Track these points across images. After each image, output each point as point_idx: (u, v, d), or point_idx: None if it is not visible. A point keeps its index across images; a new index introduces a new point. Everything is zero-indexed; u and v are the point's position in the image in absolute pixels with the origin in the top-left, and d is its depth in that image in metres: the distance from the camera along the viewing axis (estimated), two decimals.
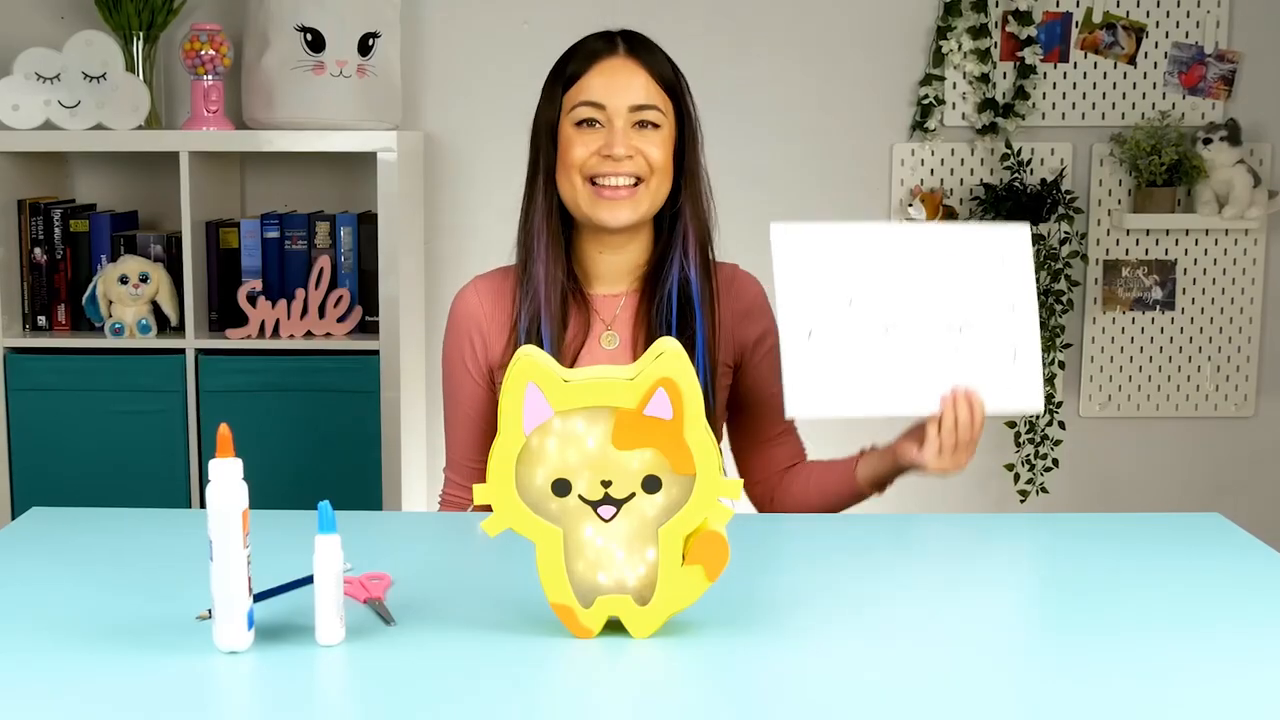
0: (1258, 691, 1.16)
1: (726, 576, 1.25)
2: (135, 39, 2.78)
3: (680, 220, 1.78)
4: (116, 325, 2.73)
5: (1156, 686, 1.16)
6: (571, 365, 1.75)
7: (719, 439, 1.87)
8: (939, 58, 2.99)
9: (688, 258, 1.77)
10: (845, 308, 1.63)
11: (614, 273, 1.81)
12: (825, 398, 1.63)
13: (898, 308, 1.63)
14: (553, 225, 1.77)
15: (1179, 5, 3.02)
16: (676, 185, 1.77)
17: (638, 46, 1.76)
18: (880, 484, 1.79)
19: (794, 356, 1.63)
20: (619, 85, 1.73)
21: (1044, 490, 3.10)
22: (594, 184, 1.73)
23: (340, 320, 2.76)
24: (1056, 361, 3.03)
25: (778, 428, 1.84)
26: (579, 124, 1.74)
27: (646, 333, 1.77)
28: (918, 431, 1.69)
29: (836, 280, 1.63)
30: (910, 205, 3.00)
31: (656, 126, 1.74)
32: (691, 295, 1.76)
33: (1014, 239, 1.66)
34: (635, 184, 1.73)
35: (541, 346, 1.73)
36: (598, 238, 1.78)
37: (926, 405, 1.65)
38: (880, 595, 1.38)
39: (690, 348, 1.75)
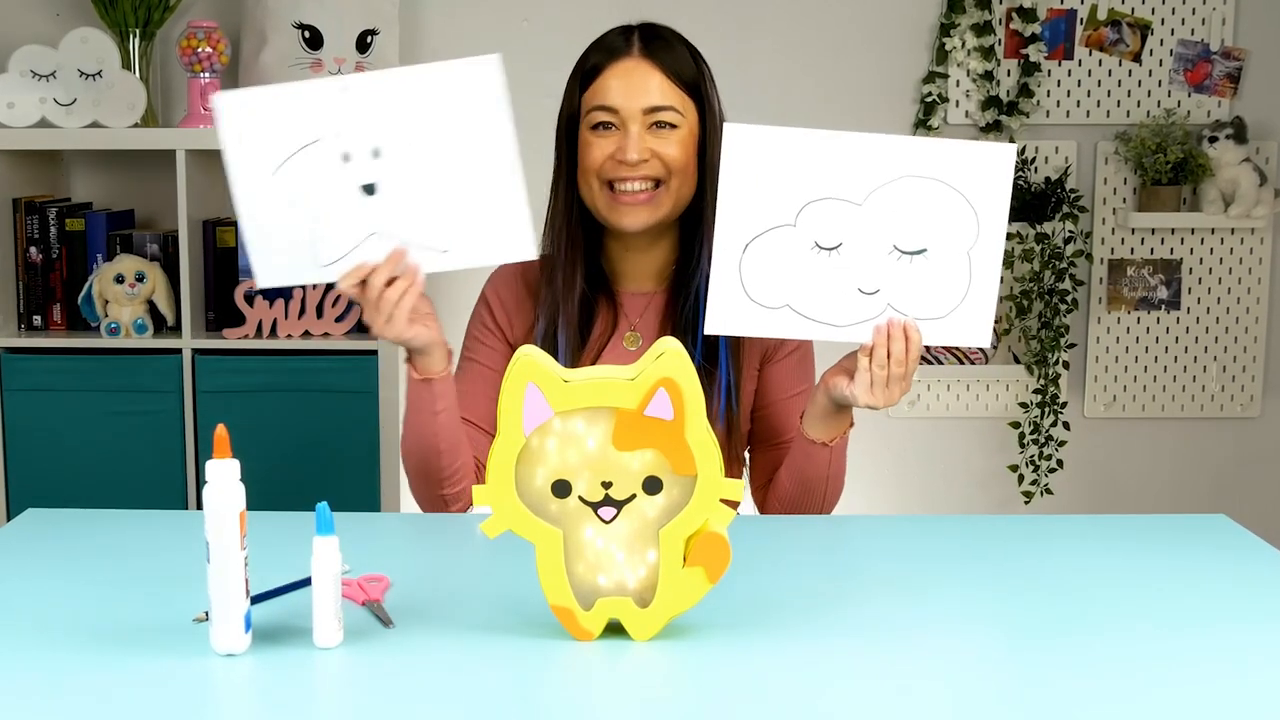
0: (1263, 693, 1.15)
1: (728, 578, 1.24)
2: (131, 36, 2.77)
3: (704, 218, 1.74)
4: (112, 325, 2.72)
5: (1161, 688, 1.15)
6: (594, 364, 1.74)
7: (745, 443, 1.86)
8: (942, 55, 2.98)
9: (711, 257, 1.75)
10: (791, 221, 1.52)
11: (641, 272, 1.81)
12: (748, 315, 1.54)
13: (849, 226, 1.52)
14: (572, 228, 1.77)
15: (1184, 2, 3.01)
16: (701, 181, 1.75)
17: (655, 45, 1.74)
18: (827, 428, 1.69)
19: (723, 270, 1.53)
20: (633, 88, 1.71)
21: (1048, 491, 3.09)
22: (612, 189, 1.72)
23: (338, 320, 2.75)
24: (1061, 362, 3.02)
25: (785, 434, 1.81)
26: (595, 127, 1.73)
27: (671, 334, 1.74)
28: (848, 362, 1.62)
29: (788, 190, 1.51)
30: None
31: (674, 127, 1.72)
32: None
33: (999, 159, 1.53)
34: (655, 186, 1.72)
35: (556, 351, 1.72)
36: (622, 238, 1.78)
37: (859, 333, 1.56)
38: (883, 597, 1.37)
39: (715, 350, 1.74)
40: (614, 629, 1.25)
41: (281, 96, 1.54)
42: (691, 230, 1.79)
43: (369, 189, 1.54)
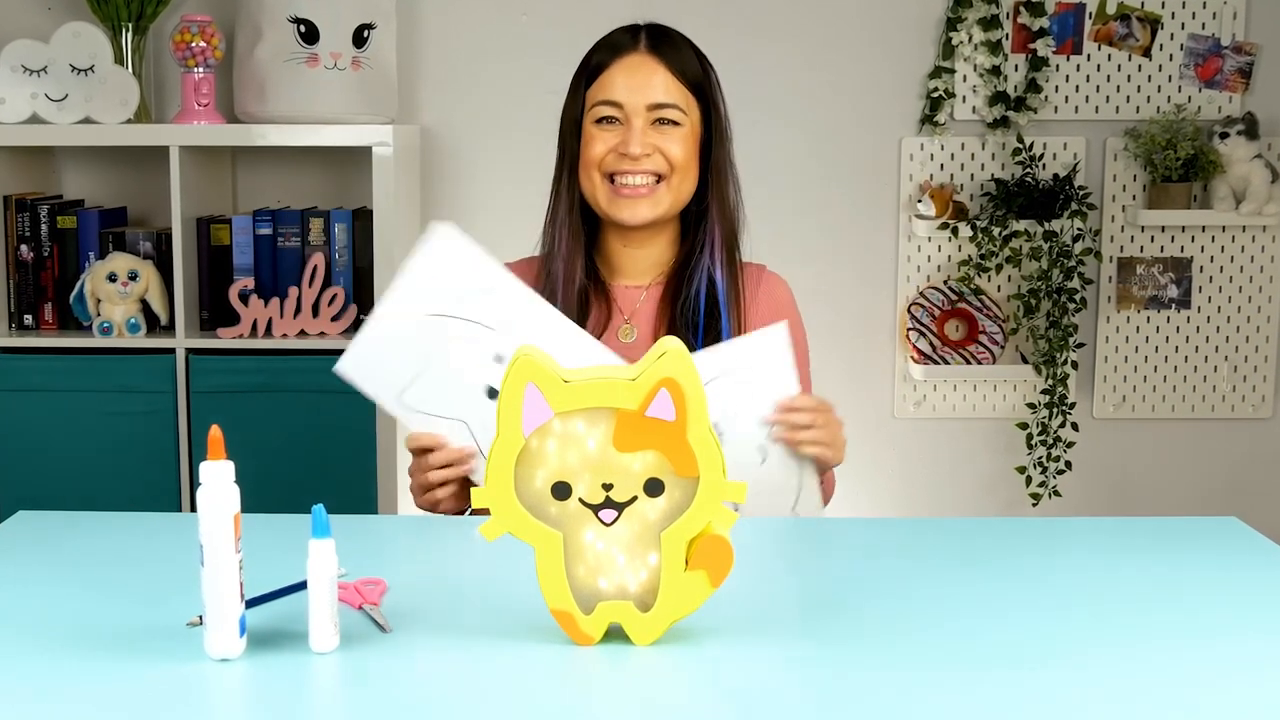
0: (1274, 698, 1.14)
1: (730, 582, 1.23)
2: (124, 31, 2.77)
3: (707, 218, 1.79)
4: (105, 324, 2.71)
5: (1170, 692, 1.15)
6: None
7: None
8: (949, 50, 2.96)
9: (714, 257, 1.79)
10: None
11: (637, 267, 1.84)
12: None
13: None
14: (574, 222, 1.81)
15: None
16: (704, 182, 1.79)
17: (661, 42, 1.78)
18: None
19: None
20: (637, 83, 1.75)
21: (1056, 493, 3.07)
22: (613, 182, 1.76)
23: (334, 319, 2.74)
24: (1069, 361, 2.99)
25: None
26: (599, 121, 1.76)
27: (668, 329, 1.78)
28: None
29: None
30: (920, 201, 2.96)
31: (677, 124, 1.76)
32: (718, 295, 1.78)
33: (770, 342, 1.62)
34: (656, 181, 1.76)
35: None
36: (621, 233, 1.81)
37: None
38: (888, 600, 1.36)
39: None
40: (615, 633, 1.24)
41: (489, 266, 1.62)
42: (690, 227, 1.83)
43: (494, 393, 1.57)
